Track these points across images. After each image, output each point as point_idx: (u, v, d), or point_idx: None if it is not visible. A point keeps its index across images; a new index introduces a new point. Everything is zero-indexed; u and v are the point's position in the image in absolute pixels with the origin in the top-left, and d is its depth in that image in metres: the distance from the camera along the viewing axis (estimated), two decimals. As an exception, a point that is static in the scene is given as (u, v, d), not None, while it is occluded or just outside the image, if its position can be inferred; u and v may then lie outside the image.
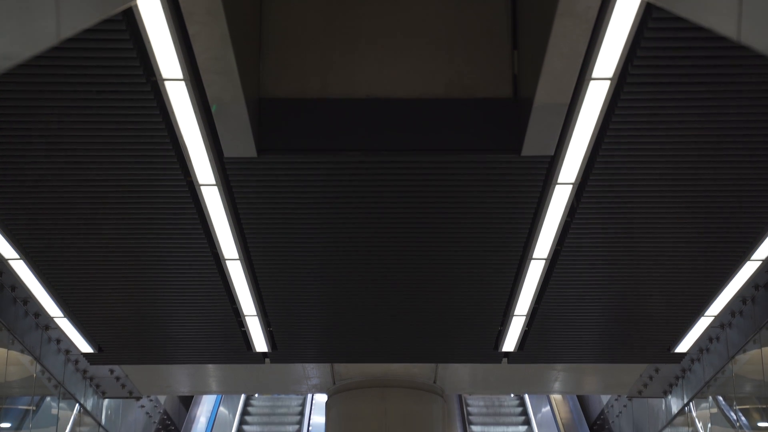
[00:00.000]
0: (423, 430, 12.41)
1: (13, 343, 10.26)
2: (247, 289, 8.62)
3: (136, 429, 15.87)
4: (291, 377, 12.79)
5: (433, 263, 8.25)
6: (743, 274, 8.34)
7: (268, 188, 6.98)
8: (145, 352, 10.64)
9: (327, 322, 9.74)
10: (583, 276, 8.49)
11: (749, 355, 10.63)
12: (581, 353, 10.66)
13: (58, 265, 8.23)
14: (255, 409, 19.33)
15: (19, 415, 11.14)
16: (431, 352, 10.77)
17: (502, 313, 9.34)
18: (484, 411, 19.38)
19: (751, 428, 10.97)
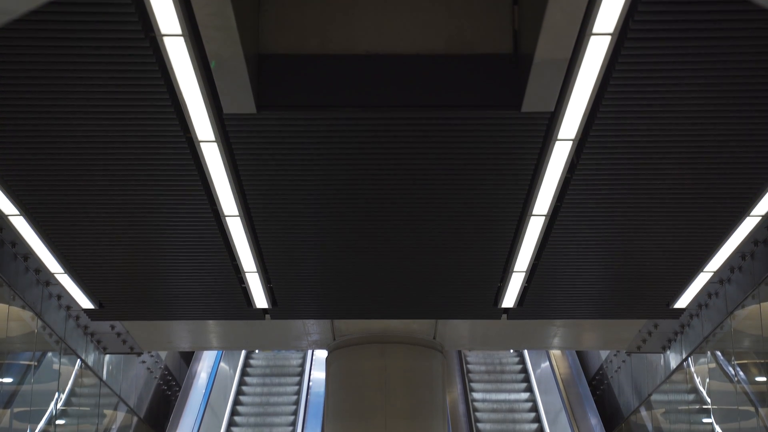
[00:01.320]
0: (423, 386, 12.48)
1: (14, 299, 10.29)
2: (247, 245, 8.63)
3: (137, 384, 15.96)
4: (291, 333, 12.84)
5: (432, 220, 8.26)
6: (743, 229, 8.35)
7: (267, 144, 6.97)
8: (145, 308, 10.67)
9: (327, 279, 9.76)
10: (582, 232, 8.50)
11: (748, 310, 10.67)
12: (580, 309, 10.70)
13: (57, 221, 8.24)
14: (255, 365, 19.43)
15: (20, 371, 11.20)
16: (431, 309, 10.80)
17: (502, 270, 9.36)
18: (484, 367, 19.48)
19: (749, 383, 11.03)
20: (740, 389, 11.14)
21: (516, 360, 19.71)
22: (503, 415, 17.87)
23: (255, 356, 19.68)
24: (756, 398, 10.84)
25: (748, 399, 11.03)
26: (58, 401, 12.22)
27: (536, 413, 17.99)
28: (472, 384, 18.83)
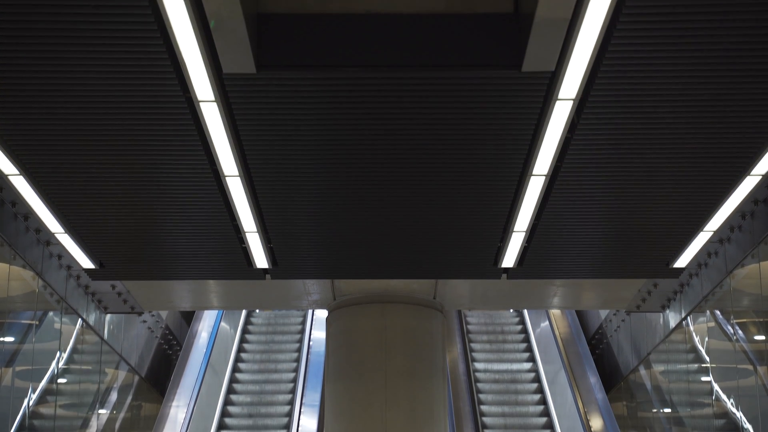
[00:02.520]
0: (422, 345, 12.53)
1: (14, 258, 10.31)
2: (247, 205, 8.63)
3: (138, 344, 16.04)
4: (291, 293, 12.88)
5: (432, 180, 8.25)
6: (743, 189, 8.35)
7: (267, 104, 6.96)
8: (146, 267, 10.70)
9: (327, 239, 9.77)
10: (583, 192, 8.50)
11: (747, 269, 10.69)
12: (580, 269, 10.72)
13: (57, 181, 8.23)
14: (256, 324, 19.50)
15: (22, 330, 11.24)
16: (431, 269, 10.83)
17: (502, 230, 9.37)
18: (484, 327, 19.56)
19: (747, 342, 11.07)
20: (739, 348, 11.20)
21: (516, 320, 19.79)
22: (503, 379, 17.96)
23: (255, 316, 19.75)
24: (754, 357, 10.89)
25: (747, 358, 11.08)
26: (60, 360, 12.29)
27: (536, 373, 18.08)
28: (472, 345, 18.92)
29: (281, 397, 17.23)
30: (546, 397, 17.17)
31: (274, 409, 16.96)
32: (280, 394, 17.30)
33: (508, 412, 16.85)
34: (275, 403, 17.10)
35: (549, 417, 16.68)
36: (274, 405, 17.06)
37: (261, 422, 16.58)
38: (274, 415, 16.79)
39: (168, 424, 15.35)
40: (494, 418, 16.70)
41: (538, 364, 18.10)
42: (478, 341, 19.07)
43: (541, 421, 16.64)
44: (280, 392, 17.36)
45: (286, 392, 17.33)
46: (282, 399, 17.17)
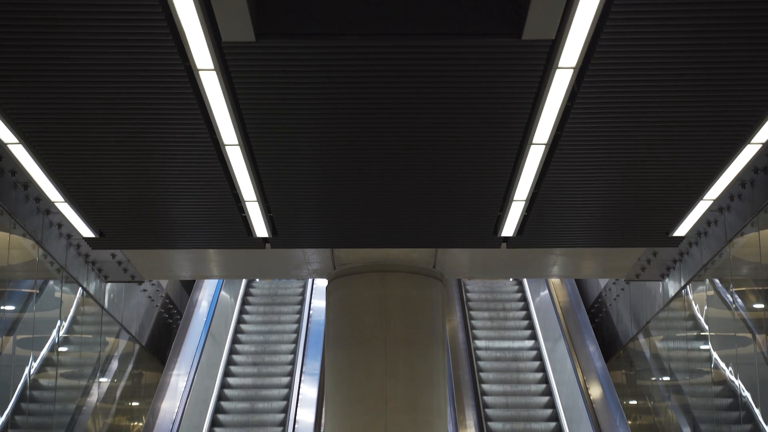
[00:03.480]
0: (422, 314, 12.56)
1: (14, 227, 10.32)
2: (246, 174, 8.63)
3: (138, 312, 16.08)
4: (291, 262, 12.90)
5: (432, 149, 8.24)
6: (743, 157, 8.34)
7: (266, 73, 6.94)
8: (146, 236, 10.71)
9: (327, 208, 9.78)
10: (582, 161, 8.50)
11: (747, 238, 10.70)
12: (580, 238, 10.73)
13: (57, 150, 8.23)
14: (256, 294, 19.54)
15: (22, 298, 11.27)
16: (431, 238, 10.83)
17: (502, 199, 9.37)
18: (483, 296, 19.60)
19: (746, 310, 11.10)
20: (738, 316, 11.22)
21: (515, 288, 19.82)
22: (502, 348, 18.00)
23: (255, 285, 19.79)
24: (753, 325, 10.92)
25: (746, 326, 11.11)
26: (60, 329, 12.32)
27: (535, 340, 18.13)
28: (472, 312, 18.96)
29: (281, 365, 17.29)
30: (546, 367, 17.23)
31: (274, 377, 17.02)
32: (280, 363, 17.36)
33: (508, 379, 16.91)
34: (275, 372, 17.16)
35: (549, 386, 16.75)
36: (275, 374, 17.11)
37: (261, 390, 16.64)
38: (274, 384, 16.85)
39: (169, 393, 15.41)
40: (493, 385, 16.76)
41: (537, 332, 18.15)
42: (478, 309, 19.12)
43: (541, 388, 16.70)
44: (281, 361, 17.41)
45: (287, 361, 17.38)
46: (282, 368, 17.22)
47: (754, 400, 10.66)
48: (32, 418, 11.42)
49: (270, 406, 16.23)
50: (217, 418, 15.95)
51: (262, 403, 16.34)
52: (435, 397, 12.40)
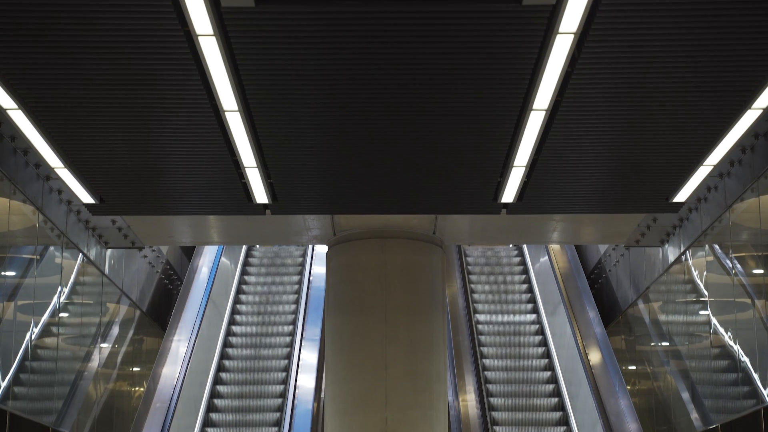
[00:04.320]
0: (422, 281, 12.59)
1: (14, 193, 10.32)
2: (246, 140, 8.62)
3: (139, 279, 16.11)
4: (291, 229, 12.91)
5: (432, 115, 8.23)
6: (743, 122, 8.33)
7: (266, 38, 6.92)
8: (146, 202, 10.71)
9: (327, 174, 9.77)
10: (583, 127, 8.49)
11: (747, 203, 10.70)
12: (580, 204, 10.74)
13: (56, 116, 8.22)
14: (256, 260, 19.57)
15: (23, 264, 11.28)
16: (431, 204, 10.84)
17: (502, 165, 9.36)
18: (483, 262, 19.62)
19: (746, 275, 11.12)
20: (737, 282, 11.25)
21: (515, 254, 19.85)
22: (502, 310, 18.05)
23: (256, 251, 19.81)
24: (753, 290, 10.94)
25: (745, 291, 11.13)
26: (61, 295, 12.34)
27: (534, 303, 18.17)
28: (471, 276, 19.00)
29: (282, 332, 17.34)
30: (546, 333, 17.28)
31: (274, 343, 17.08)
32: (280, 330, 17.41)
33: (509, 352, 16.97)
34: (276, 338, 17.21)
35: (548, 351, 16.80)
36: (275, 340, 17.17)
37: (262, 356, 16.70)
38: (274, 349, 16.91)
39: (169, 358, 15.48)
40: (493, 348, 16.82)
41: (537, 299, 18.19)
42: (477, 273, 19.15)
43: (540, 350, 16.76)
44: (281, 328, 17.46)
45: (287, 328, 17.43)
46: (282, 334, 17.28)
47: (752, 365, 10.70)
48: (34, 384, 11.47)
49: (270, 372, 16.30)
50: (217, 383, 16.01)
51: (263, 368, 16.40)
52: (435, 362, 12.45)
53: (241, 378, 16.19)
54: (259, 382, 16.02)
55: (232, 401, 15.67)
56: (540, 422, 15.17)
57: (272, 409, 15.39)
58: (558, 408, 15.43)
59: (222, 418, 15.24)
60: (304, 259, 19.32)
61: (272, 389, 15.82)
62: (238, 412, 15.44)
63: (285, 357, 16.59)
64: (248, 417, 15.28)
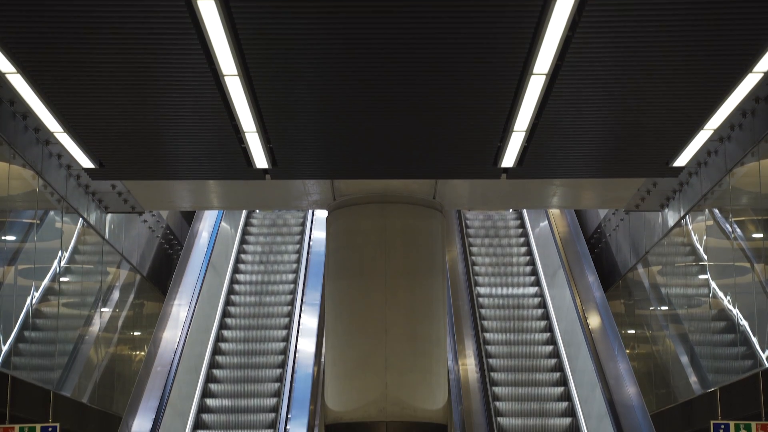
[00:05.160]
0: (422, 245, 12.61)
1: (14, 157, 10.32)
2: (246, 105, 8.60)
3: (139, 243, 16.13)
4: (291, 193, 12.91)
5: (432, 79, 8.21)
6: (744, 86, 8.30)
7: (265, 2, 6.88)
8: (145, 167, 10.70)
9: (327, 139, 9.76)
10: (583, 91, 8.47)
11: (747, 167, 10.70)
12: (580, 168, 10.73)
13: (55, 80, 8.19)
14: (256, 224, 19.59)
15: (23, 229, 11.30)
16: (430, 168, 10.83)
17: (502, 129, 9.35)
18: (483, 223, 19.64)
19: (745, 239, 11.13)
20: (737, 246, 11.26)
21: (515, 218, 19.86)
22: (502, 273, 18.08)
23: (256, 216, 19.83)
24: (752, 254, 10.96)
25: (744, 255, 11.15)
26: (62, 259, 12.37)
27: (533, 266, 18.20)
28: (471, 238, 19.01)
29: (282, 296, 17.39)
30: (545, 298, 17.32)
31: (275, 307, 17.13)
32: (281, 294, 17.45)
33: (508, 308, 17.02)
34: (276, 302, 17.26)
35: (548, 315, 16.86)
36: (275, 304, 17.21)
37: (262, 320, 16.75)
38: (275, 314, 16.96)
39: (170, 322, 15.52)
40: (492, 310, 16.86)
41: (537, 265, 18.22)
42: (477, 236, 19.17)
43: (541, 324, 16.81)
44: (281, 291, 17.51)
45: (287, 292, 17.47)
46: (283, 298, 17.32)
47: (751, 328, 10.74)
48: (35, 347, 11.52)
49: (271, 336, 16.35)
50: (218, 347, 16.07)
51: (263, 333, 16.46)
52: (435, 326, 12.49)
53: (242, 342, 16.25)
54: (260, 347, 16.08)
55: (232, 366, 15.74)
56: (539, 383, 15.23)
57: (273, 374, 15.46)
58: (557, 369, 15.49)
59: (222, 386, 15.31)
60: (304, 224, 19.33)
61: (273, 353, 15.88)
62: (239, 375, 15.50)
63: (285, 321, 16.64)
64: (249, 379, 15.35)
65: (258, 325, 16.68)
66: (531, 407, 14.64)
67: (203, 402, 14.88)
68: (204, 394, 15.06)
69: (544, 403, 14.77)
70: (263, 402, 14.91)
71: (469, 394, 14.49)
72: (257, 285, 17.75)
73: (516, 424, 14.30)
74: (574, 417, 14.39)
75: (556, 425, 14.35)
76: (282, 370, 15.42)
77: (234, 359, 15.87)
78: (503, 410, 14.55)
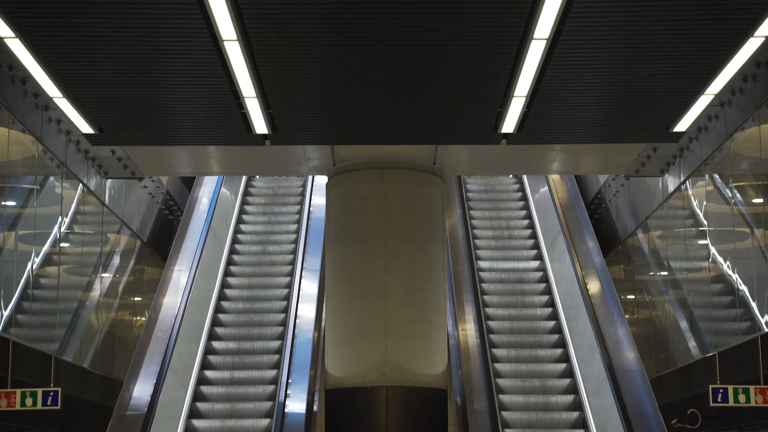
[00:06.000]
0: (422, 211, 12.61)
1: (13, 122, 10.30)
2: (245, 70, 8.57)
3: (139, 209, 16.14)
4: (291, 159, 12.90)
5: (432, 44, 8.18)
6: (745, 51, 8.28)
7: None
8: (145, 132, 10.68)
9: (326, 104, 9.74)
10: (584, 56, 8.44)
11: (747, 132, 10.69)
12: (580, 133, 10.72)
13: (54, 45, 8.16)
14: (256, 191, 19.58)
15: (23, 194, 11.30)
16: (431, 134, 10.82)
17: (502, 94, 9.33)
18: (483, 189, 19.63)
19: (745, 204, 11.14)
20: (736, 211, 11.27)
21: (514, 183, 19.85)
22: (501, 236, 18.09)
23: (256, 182, 19.81)
24: (752, 219, 10.97)
25: (744, 220, 11.16)
26: (62, 225, 12.37)
27: (532, 229, 18.20)
28: (470, 202, 19.01)
29: (282, 262, 17.40)
30: (545, 261, 17.34)
31: (275, 273, 17.15)
32: (281, 260, 17.47)
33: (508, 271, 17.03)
34: (276, 268, 17.28)
35: (547, 278, 16.88)
36: (276, 270, 17.23)
37: (263, 285, 16.77)
38: (275, 279, 16.98)
39: (170, 288, 15.53)
40: (491, 273, 16.88)
41: (537, 230, 18.22)
42: (477, 200, 19.17)
43: (538, 275, 16.83)
44: (282, 257, 17.52)
45: (287, 258, 17.49)
46: (283, 264, 17.34)
47: (750, 293, 10.77)
48: (36, 313, 11.55)
49: (271, 302, 16.39)
50: (218, 314, 16.11)
51: (264, 298, 16.49)
52: (435, 292, 12.52)
53: (242, 307, 16.28)
54: (259, 314, 16.11)
55: (233, 330, 15.77)
56: (538, 345, 15.27)
57: (273, 336, 15.50)
58: (556, 331, 15.53)
59: (224, 346, 15.35)
60: (304, 189, 19.32)
61: (273, 319, 15.91)
62: (240, 340, 15.55)
63: (285, 288, 16.67)
64: (250, 346, 15.39)
65: (258, 287, 16.68)
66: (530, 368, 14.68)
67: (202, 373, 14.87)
68: (206, 358, 15.09)
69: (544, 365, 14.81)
70: (264, 361, 14.94)
71: (468, 359, 14.52)
72: (258, 247, 17.75)
73: (517, 386, 14.34)
74: (573, 378, 14.44)
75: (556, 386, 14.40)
76: (282, 335, 15.46)
77: (235, 324, 15.89)
78: (503, 372, 14.60)
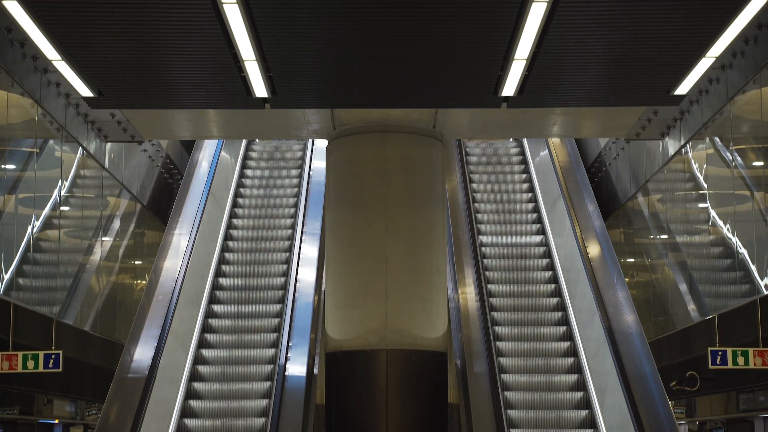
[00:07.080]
0: (422, 174, 12.61)
1: (12, 85, 10.27)
2: (245, 33, 8.54)
3: (139, 172, 16.13)
4: (291, 123, 12.88)
5: (432, 7, 8.15)
6: (747, 12, 8.22)
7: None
8: (144, 96, 10.66)
9: (327, 67, 9.71)
10: (584, 18, 8.41)
11: (748, 95, 10.67)
12: (581, 97, 10.69)
13: (53, 7, 8.12)
14: (256, 154, 19.56)
15: (23, 158, 11.29)
16: (431, 97, 10.80)
17: (502, 58, 9.29)
18: (483, 150, 19.62)
19: (745, 168, 11.13)
20: (737, 174, 11.27)
21: (514, 146, 19.84)
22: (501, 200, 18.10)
23: (256, 145, 19.79)
24: (752, 182, 10.97)
25: (744, 183, 11.16)
26: (62, 188, 12.37)
27: (532, 193, 18.21)
28: (471, 166, 19.01)
29: (282, 226, 17.41)
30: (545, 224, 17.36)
31: (275, 237, 17.16)
32: (281, 225, 17.48)
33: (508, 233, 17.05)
34: (277, 231, 17.29)
35: (547, 239, 16.90)
36: (276, 233, 17.25)
37: (263, 249, 16.79)
38: (275, 243, 17.00)
39: (171, 252, 15.54)
40: (491, 237, 16.90)
41: (537, 193, 18.22)
42: (477, 164, 19.16)
43: (538, 238, 16.85)
44: (281, 222, 17.53)
45: (287, 221, 17.50)
46: (283, 228, 17.35)
47: (750, 256, 10.78)
48: (37, 276, 11.57)
49: (272, 265, 16.41)
50: (218, 278, 16.14)
51: (264, 261, 16.51)
52: (435, 256, 12.54)
53: (243, 271, 16.31)
54: (260, 275, 16.14)
55: (233, 293, 15.81)
56: (538, 308, 15.31)
57: (274, 299, 15.54)
58: (555, 294, 15.56)
59: (224, 309, 15.38)
60: (304, 153, 19.30)
61: (274, 282, 15.95)
62: (240, 304, 15.59)
63: (286, 251, 16.68)
64: (250, 309, 15.44)
65: (259, 251, 16.70)
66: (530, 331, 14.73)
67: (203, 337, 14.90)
68: (206, 321, 15.13)
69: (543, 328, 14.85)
70: (264, 325, 14.98)
71: (468, 322, 14.56)
72: (259, 210, 17.76)
73: (516, 349, 14.39)
74: (572, 341, 14.48)
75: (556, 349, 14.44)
76: (282, 298, 15.49)
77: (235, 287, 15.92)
78: (502, 335, 14.64)
